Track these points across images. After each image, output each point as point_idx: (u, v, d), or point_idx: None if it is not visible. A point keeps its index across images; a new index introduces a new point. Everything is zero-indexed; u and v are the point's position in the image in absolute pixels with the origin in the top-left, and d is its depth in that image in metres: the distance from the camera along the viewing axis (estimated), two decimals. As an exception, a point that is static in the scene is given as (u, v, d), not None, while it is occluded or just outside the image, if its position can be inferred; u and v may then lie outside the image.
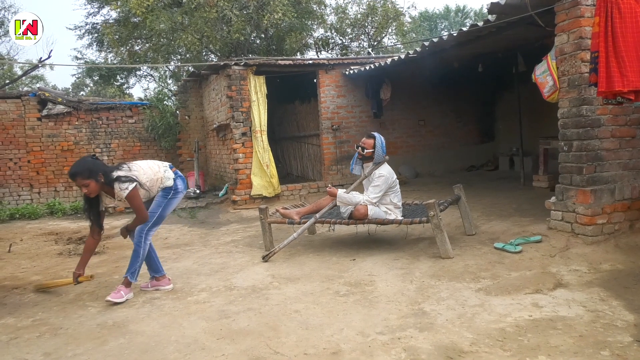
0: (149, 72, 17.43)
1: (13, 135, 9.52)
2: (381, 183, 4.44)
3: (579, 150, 4.23)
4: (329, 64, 8.84)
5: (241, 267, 4.47)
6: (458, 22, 25.03)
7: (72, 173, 3.47)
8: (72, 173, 3.47)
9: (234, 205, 8.15)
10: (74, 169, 3.48)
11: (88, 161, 3.54)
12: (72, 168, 3.50)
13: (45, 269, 4.85)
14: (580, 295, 3.21)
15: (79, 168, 3.48)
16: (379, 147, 4.49)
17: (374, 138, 4.52)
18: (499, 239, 4.62)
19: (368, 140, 4.52)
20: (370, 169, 4.60)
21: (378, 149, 4.49)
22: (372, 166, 4.59)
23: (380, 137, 4.54)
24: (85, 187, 3.46)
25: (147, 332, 3.02)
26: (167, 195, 3.83)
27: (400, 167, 9.57)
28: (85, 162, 3.53)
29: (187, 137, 10.86)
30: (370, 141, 4.51)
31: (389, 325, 2.91)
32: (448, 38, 5.88)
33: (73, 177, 3.47)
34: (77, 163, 3.55)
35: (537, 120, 8.97)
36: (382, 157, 4.53)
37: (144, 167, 3.78)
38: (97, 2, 14.41)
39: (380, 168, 4.52)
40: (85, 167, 3.48)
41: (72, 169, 3.49)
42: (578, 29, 4.10)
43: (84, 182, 3.44)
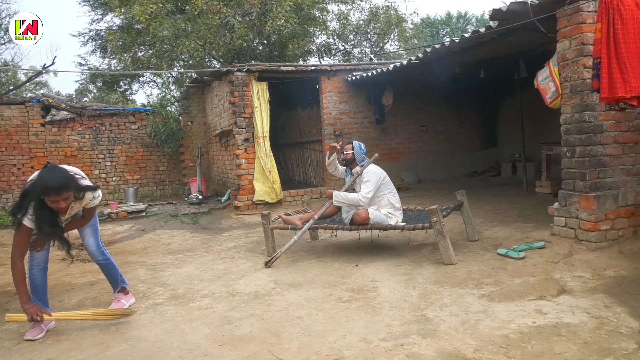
0: (152, 78, 17.51)
1: (17, 141, 9.56)
2: (371, 177, 4.54)
3: (581, 156, 4.23)
4: (331, 70, 8.88)
5: (244, 273, 4.46)
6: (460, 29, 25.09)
7: (58, 187, 2.87)
8: (59, 187, 2.87)
9: (237, 211, 8.16)
10: (59, 182, 2.89)
11: (64, 170, 3.03)
12: (54, 181, 2.87)
13: (49, 274, 4.83)
14: (584, 301, 3.19)
15: (63, 180, 2.92)
16: (357, 148, 4.75)
17: (351, 143, 4.83)
18: (502, 245, 4.61)
19: (347, 146, 4.84)
20: (359, 170, 4.70)
21: (357, 150, 4.75)
22: (359, 168, 4.71)
23: (356, 142, 4.83)
24: (66, 200, 2.95)
25: (150, 338, 3.01)
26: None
27: (402, 172, 9.58)
28: (64, 172, 3.00)
29: (190, 143, 10.89)
30: (349, 146, 4.80)
31: (392, 331, 2.90)
32: (450, 44, 5.89)
33: (59, 191, 2.87)
34: (56, 174, 2.94)
35: (540, 126, 8.97)
36: (363, 156, 4.75)
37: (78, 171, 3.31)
38: (100, 9, 14.51)
39: (368, 166, 4.67)
40: (67, 177, 2.97)
41: (56, 182, 2.87)
42: (580, 35, 4.11)
43: (68, 194, 2.94)
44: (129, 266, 5.05)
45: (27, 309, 2.94)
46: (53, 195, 2.86)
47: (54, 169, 3.00)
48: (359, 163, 4.74)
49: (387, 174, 4.73)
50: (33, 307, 2.97)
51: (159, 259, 5.36)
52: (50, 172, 2.94)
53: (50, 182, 2.86)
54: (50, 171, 2.96)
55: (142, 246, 6.29)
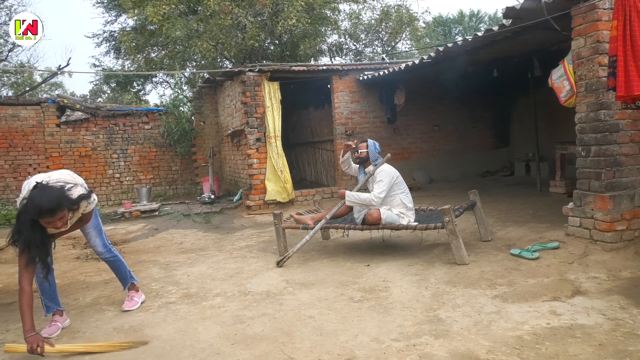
0: (164, 78, 17.64)
1: (33, 141, 9.72)
2: (384, 177, 4.53)
3: (597, 155, 4.17)
4: (343, 70, 8.87)
5: (255, 272, 4.48)
6: (472, 27, 24.89)
7: (51, 209, 2.73)
8: (52, 209, 2.73)
9: (248, 211, 8.19)
10: (52, 204, 2.73)
11: (55, 190, 2.84)
12: (46, 203, 2.72)
13: (63, 272, 4.92)
14: (599, 303, 3.15)
15: (55, 201, 2.76)
16: (372, 147, 4.75)
17: (366, 142, 4.83)
18: (515, 245, 4.57)
19: (362, 144, 4.84)
20: (372, 170, 4.68)
21: (371, 149, 4.74)
22: (372, 167, 4.69)
23: (371, 141, 4.83)
24: (61, 219, 2.82)
25: (163, 336, 3.04)
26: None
27: (414, 172, 9.53)
28: (55, 192, 2.82)
29: (202, 143, 10.97)
30: (364, 144, 4.81)
31: (404, 331, 2.89)
32: (463, 43, 5.85)
33: (53, 212, 2.74)
34: (48, 195, 2.76)
35: (554, 125, 8.87)
36: (377, 155, 4.74)
37: (67, 177, 3.22)
38: (114, 11, 14.67)
39: (381, 166, 4.65)
40: (59, 197, 2.80)
41: (48, 204, 2.72)
42: (595, 33, 4.05)
43: (62, 214, 2.80)
44: (142, 265, 5.10)
45: (27, 337, 2.74)
46: (47, 217, 2.75)
47: (44, 190, 2.81)
48: (372, 162, 4.73)
49: (400, 174, 4.72)
50: (34, 337, 2.75)
51: (171, 258, 5.41)
52: (42, 194, 2.77)
53: (43, 204, 2.72)
54: (41, 192, 2.79)
55: (155, 245, 6.35)
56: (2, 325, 3.38)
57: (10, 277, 4.85)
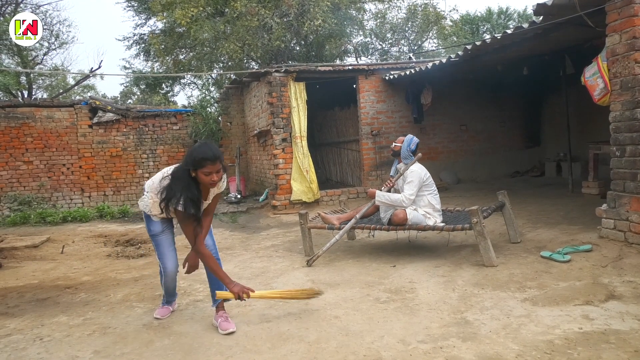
0: (192, 80, 17.94)
1: (66, 142, 10.03)
2: (414, 178, 4.48)
3: (632, 155, 4.04)
4: (369, 70, 8.84)
5: (281, 272, 4.51)
6: (501, 25, 24.39)
7: (215, 155, 2.84)
8: (215, 155, 2.85)
9: (274, 210, 8.24)
10: (215, 151, 2.87)
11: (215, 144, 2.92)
12: (209, 151, 2.85)
13: (95, 269, 5.05)
14: (634, 308, 3.04)
15: (217, 150, 2.91)
16: (405, 144, 4.70)
17: (405, 136, 4.81)
18: (545, 247, 4.46)
19: (400, 138, 4.83)
20: (403, 169, 4.64)
21: (404, 145, 4.70)
22: (403, 166, 4.66)
23: (409, 137, 4.75)
24: (218, 173, 2.88)
25: (191, 334, 3.09)
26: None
27: (441, 173, 9.42)
28: (215, 145, 3.04)
29: (229, 143, 11.10)
30: (401, 138, 4.80)
31: (431, 333, 2.85)
32: (491, 41, 5.75)
33: (215, 160, 2.83)
34: (210, 146, 2.92)
35: (586, 124, 8.63)
36: (408, 153, 4.66)
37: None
38: (144, 14, 15.00)
39: (411, 166, 4.60)
40: (218, 149, 2.96)
41: (211, 152, 2.85)
42: (631, 29, 3.92)
43: (220, 166, 2.88)
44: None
45: (232, 288, 3.02)
46: (209, 165, 2.81)
47: (205, 144, 2.98)
48: (402, 159, 4.70)
49: (430, 175, 4.66)
50: (237, 286, 3.03)
51: (199, 257, 5.48)
52: (204, 145, 2.93)
53: (206, 152, 2.83)
54: (203, 145, 2.94)
55: (184, 244, 6.44)
56: (37, 320, 3.49)
57: (45, 273, 5.01)
